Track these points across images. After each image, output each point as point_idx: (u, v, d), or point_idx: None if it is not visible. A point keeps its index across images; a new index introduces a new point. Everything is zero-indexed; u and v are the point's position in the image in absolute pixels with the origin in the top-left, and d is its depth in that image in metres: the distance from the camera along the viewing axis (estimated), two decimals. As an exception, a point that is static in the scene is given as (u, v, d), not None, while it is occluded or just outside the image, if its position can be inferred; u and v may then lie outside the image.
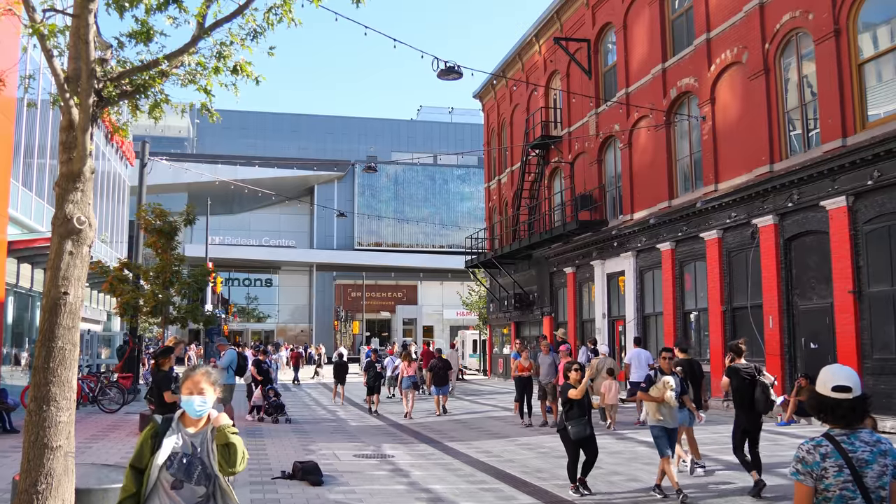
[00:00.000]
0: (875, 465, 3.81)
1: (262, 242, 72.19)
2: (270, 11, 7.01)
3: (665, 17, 25.20)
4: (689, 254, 23.64)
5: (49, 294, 6.13)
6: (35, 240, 22.01)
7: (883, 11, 17.16)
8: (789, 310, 19.45)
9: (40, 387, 5.99)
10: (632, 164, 26.80)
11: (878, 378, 16.33)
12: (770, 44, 20.13)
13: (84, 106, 6.21)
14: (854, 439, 3.88)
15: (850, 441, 3.87)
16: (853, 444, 3.86)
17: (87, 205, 6.34)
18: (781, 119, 20.00)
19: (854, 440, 3.88)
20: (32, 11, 6.31)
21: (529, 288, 36.02)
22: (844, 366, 4.12)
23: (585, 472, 10.65)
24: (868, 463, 3.81)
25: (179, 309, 23.12)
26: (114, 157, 40.68)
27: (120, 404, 22.12)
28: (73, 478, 6.16)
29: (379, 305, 74.24)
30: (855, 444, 3.86)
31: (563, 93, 32.25)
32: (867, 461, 3.81)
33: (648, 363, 19.21)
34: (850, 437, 3.89)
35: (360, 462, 13.34)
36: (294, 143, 79.18)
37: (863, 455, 3.83)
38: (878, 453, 3.83)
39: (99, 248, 33.80)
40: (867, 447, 3.85)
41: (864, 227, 17.10)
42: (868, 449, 3.84)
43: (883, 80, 17.25)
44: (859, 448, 3.85)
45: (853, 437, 3.88)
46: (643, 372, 19.24)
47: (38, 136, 26.15)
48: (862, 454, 3.83)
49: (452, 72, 18.39)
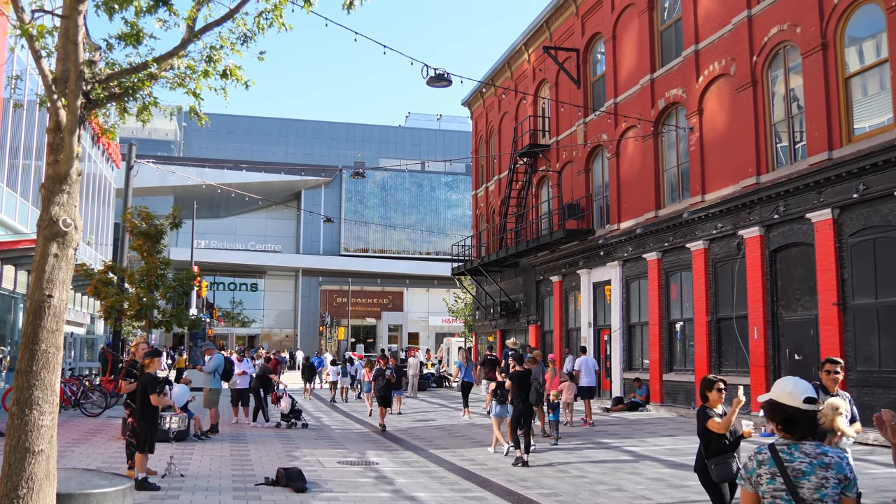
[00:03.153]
0: (812, 477, 3.80)
1: (249, 247, 72.06)
2: (261, 16, 6.99)
3: (654, 29, 25.33)
4: (675, 264, 23.72)
5: (33, 297, 6.08)
6: (20, 241, 21.85)
7: (869, 26, 17.30)
8: (774, 321, 19.53)
9: (23, 390, 5.94)
10: (619, 173, 26.88)
11: (861, 390, 16.41)
12: (758, 56, 20.26)
13: (72, 108, 6.18)
14: (794, 449, 3.89)
15: (790, 451, 3.89)
16: (792, 454, 3.88)
17: (73, 207, 6.30)
18: (768, 131, 20.11)
19: (794, 450, 3.89)
20: (21, 12, 6.27)
21: (516, 296, 36.04)
22: (798, 378, 4.12)
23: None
24: (805, 474, 3.82)
25: (164, 313, 22.99)
26: (100, 159, 40.49)
27: (102, 408, 21.97)
28: (55, 482, 6.10)
29: (364, 311, 74.17)
30: (794, 454, 3.88)
31: (551, 102, 32.33)
32: (804, 472, 3.82)
33: (595, 369, 22.03)
34: (790, 446, 3.91)
35: (344, 469, 13.28)
36: (282, 148, 79.10)
37: (800, 465, 3.84)
38: (818, 465, 3.82)
39: (84, 250, 33.60)
40: (806, 458, 3.85)
41: (849, 240, 17.20)
42: (807, 460, 3.84)
43: (869, 94, 17.38)
44: (797, 458, 3.86)
45: (794, 447, 3.90)
46: (591, 377, 21.55)
47: (24, 137, 25.99)
48: (799, 465, 3.84)
49: (441, 79, 18.39)
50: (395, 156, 78.94)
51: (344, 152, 79.49)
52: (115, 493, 6.96)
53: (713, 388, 7.76)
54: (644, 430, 18.96)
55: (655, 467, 13.44)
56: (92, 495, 6.78)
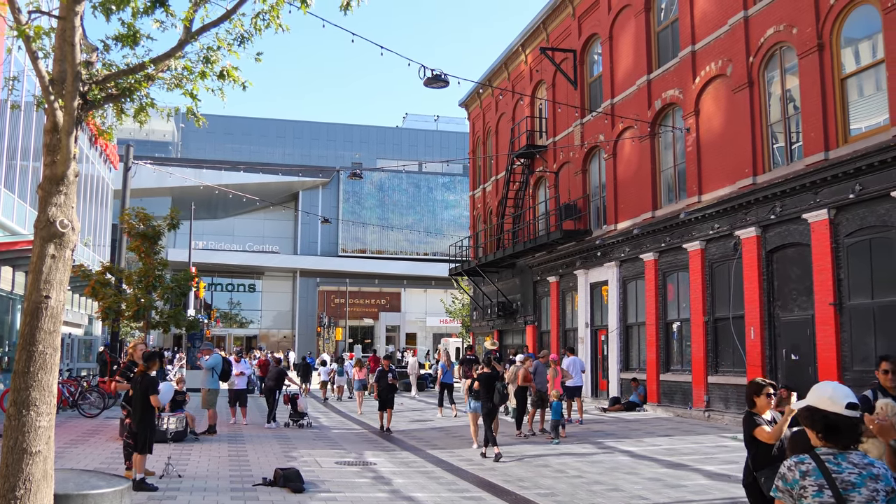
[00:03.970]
0: (863, 490, 3.51)
1: (246, 248, 72.04)
2: (258, 17, 7.01)
3: (651, 29, 25.36)
4: (671, 264, 23.75)
5: (31, 298, 6.08)
6: (17, 242, 21.85)
7: (865, 27, 17.34)
8: (771, 321, 19.57)
9: (20, 391, 5.94)
10: (616, 174, 26.91)
11: (858, 391, 16.24)
12: (754, 57, 20.29)
13: (69, 109, 6.19)
14: (841, 459, 3.60)
15: (837, 461, 3.60)
16: (839, 464, 3.58)
17: (70, 208, 6.31)
18: (765, 132, 20.15)
19: (841, 460, 3.60)
20: (18, 13, 6.27)
21: (513, 296, 36.06)
22: (837, 383, 3.85)
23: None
24: (855, 486, 3.52)
25: (162, 313, 23.01)
26: (98, 160, 40.48)
27: (100, 409, 21.96)
28: (52, 483, 6.11)
29: (362, 312, 74.15)
30: (841, 464, 3.58)
31: (548, 102, 32.36)
32: (854, 484, 3.53)
33: (581, 369, 22.31)
34: (836, 456, 3.62)
35: (341, 469, 13.29)
36: (279, 149, 79.08)
37: (849, 477, 3.54)
38: (867, 476, 3.53)
39: (81, 251, 33.58)
40: (855, 469, 3.56)
41: (845, 241, 17.23)
42: (856, 472, 3.55)
43: (865, 95, 17.42)
44: (845, 469, 3.56)
45: (840, 457, 3.61)
46: (578, 377, 21.81)
47: (21, 138, 25.99)
48: (848, 476, 3.54)
49: (439, 80, 18.41)
50: (392, 157, 78.94)
51: (341, 153, 79.50)
52: (112, 493, 6.97)
53: (762, 392, 6.96)
54: (641, 431, 18.98)
55: (653, 467, 13.47)
56: (90, 496, 6.79)
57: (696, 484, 11.89)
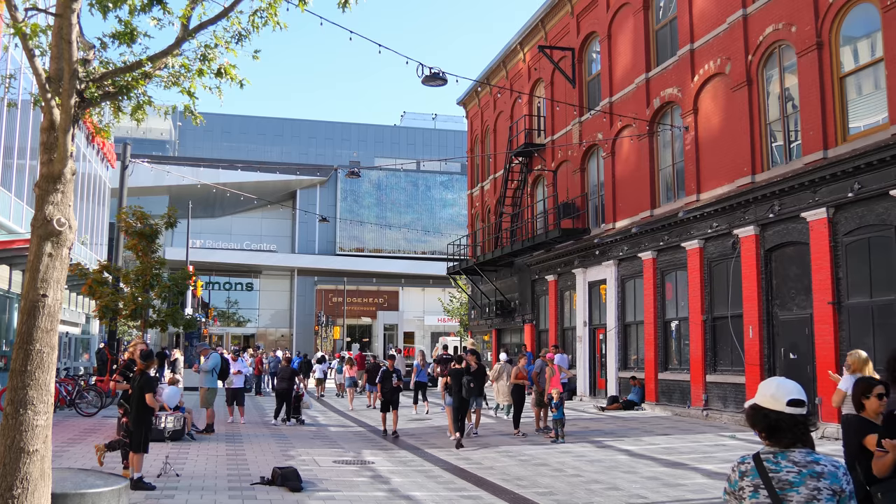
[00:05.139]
0: (802, 488, 3.41)
1: (244, 246, 71.97)
2: (256, 14, 6.99)
3: (649, 28, 25.35)
4: (670, 263, 23.74)
5: (28, 296, 6.06)
6: (14, 241, 21.81)
7: (864, 25, 17.33)
8: (769, 320, 19.56)
9: (17, 390, 5.92)
10: (614, 172, 26.90)
11: (856, 389, 16.41)
12: (753, 55, 20.28)
13: (65, 107, 6.16)
14: (781, 458, 3.50)
15: (776, 460, 3.50)
16: (778, 462, 3.49)
17: (67, 207, 6.28)
18: (763, 130, 20.14)
19: (781, 459, 3.50)
20: (14, 10, 6.25)
21: (511, 295, 36.05)
22: (787, 378, 3.71)
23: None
24: (792, 485, 3.42)
25: (159, 312, 22.96)
26: (95, 158, 40.42)
27: (97, 408, 21.93)
28: (50, 482, 6.09)
29: (360, 311, 74.14)
30: (780, 462, 3.49)
31: (546, 101, 32.34)
32: (791, 483, 3.42)
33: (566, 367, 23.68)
34: (777, 455, 3.52)
35: (340, 468, 13.27)
36: (277, 148, 79.02)
37: (787, 476, 3.44)
38: (808, 475, 3.42)
39: (78, 250, 33.53)
40: (795, 468, 3.45)
41: (844, 239, 17.23)
42: (795, 470, 3.44)
43: (863, 94, 17.41)
44: (784, 468, 3.46)
45: (781, 455, 3.51)
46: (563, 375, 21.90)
47: (18, 136, 25.93)
48: (786, 475, 3.44)
49: (437, 78, 18.36)
50: (390, 155, 78.89)
51: (339, 152, 79.42)
52: (110, 492, 6.95)
53: (872, 393, 5.94)
54: (639, 429, 18.98)
55: (651, 466, 13.46)
56: (87, 495, 6.77)
57: (694, 483, 11.88)
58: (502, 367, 21.07)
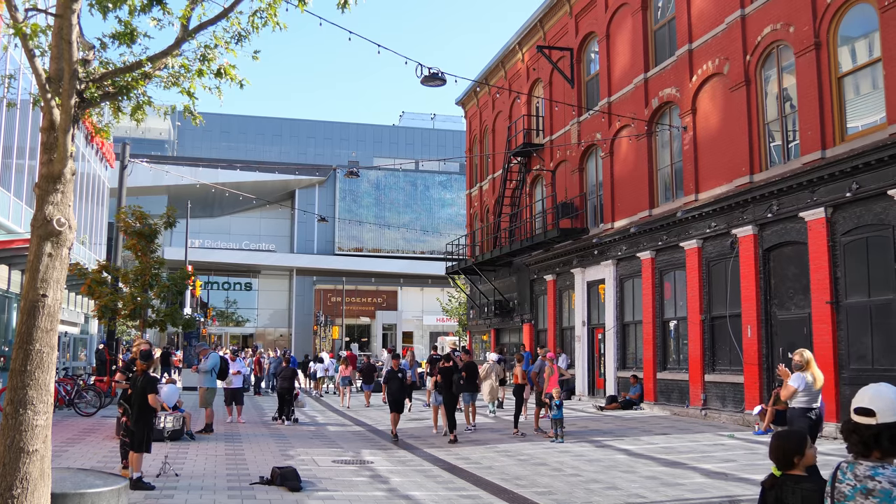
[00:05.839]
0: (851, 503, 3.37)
1: (243, 246, 71.93)
2: (255, 15, 7.00)
3: (648, 28, 25.36)
4: (668, 263, 23.76)
5: (27, 296, 6.07)
6: (14, 241, 21.82)
7: (862, 26, 17.35)
8: (767, 319, 19.58)
9: (17, 390, 5.93)
10: (613, 172, 26.92)
11: (854, 388, 16.39)
12: (751, 56, 20.30)
13: (65, 107, 6.17)
14: (850, 469, 3.44)
15: (846, 470, 3.45)
16: (845, 473, 3.44)
17: (67, 207, 6.29)
18: (762, 130, 20.16)
19: (849, 470, 3.43)
20: (14, 10, 6.26)
21: (510, 295, 36.06)
22: (883, 384, 3.57)
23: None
24: (846, 498, 3.38)
25: (158, 312, 22.97)
26: (94, 158, 40.42)
27: (97, 407, 21.93)
28: (49, 482, 6.10)
29: (359, 311, 74.12)
30: (847, 474, 3.43)
31: (545, 101, 32.36)
32: (845, 496, 3.39)
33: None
34: (850, 465, 3.45)
35: (339, 468, 13.28)
36: (276, 147, 78.95)
37: (844, 489, 3.40)
38: (859, 490, 3.34)
39: (77, 249, 33.53)
40: (853, 481, 3.38)
41: (842, 239, 17.25)
42: (852, 483, 3.38)
43: (861, 94, 17.43)
44: (846, 480, 3.41)
45: (851, 466, 3.45)
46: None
47: (17, 136, 25.93)
48: (844, 487, 3.40)
49: (436, 78, 18.35)
50: (389, 155, 78.84)
51: (338, 151, 79.36)
52: (109, 492, 6.96)
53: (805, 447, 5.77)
54: (638, 429, 19.00)
55: (650, 465, 13.47)
56: (87, 495, 6.78)
57: (693, 482, 11.90)
58: (490, 366, 21.31)
